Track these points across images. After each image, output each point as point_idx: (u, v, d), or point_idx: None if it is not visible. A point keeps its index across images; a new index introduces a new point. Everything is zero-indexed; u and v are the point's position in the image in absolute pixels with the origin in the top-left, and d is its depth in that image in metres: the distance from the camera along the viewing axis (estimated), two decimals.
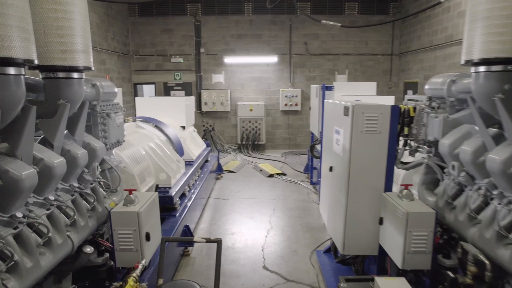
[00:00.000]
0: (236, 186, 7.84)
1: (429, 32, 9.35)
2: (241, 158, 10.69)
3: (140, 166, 4.33)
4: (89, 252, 2.52)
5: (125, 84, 11.35)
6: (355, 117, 3.05)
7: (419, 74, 10.05)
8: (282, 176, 8.59)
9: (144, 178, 4.39)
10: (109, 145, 3.07)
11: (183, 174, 5.48)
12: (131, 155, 4.29)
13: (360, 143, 3.09)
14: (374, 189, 3.15)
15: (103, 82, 2.99)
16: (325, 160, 4.12)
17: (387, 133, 3.06)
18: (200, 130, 12.10)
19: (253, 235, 5.30)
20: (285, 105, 11.71)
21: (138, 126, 5.58)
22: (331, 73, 11.78)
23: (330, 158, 3.79)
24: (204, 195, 6.70)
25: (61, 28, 2.05)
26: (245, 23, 11.52)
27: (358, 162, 3.12)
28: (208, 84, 11.91)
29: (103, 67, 9.73)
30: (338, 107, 3.41)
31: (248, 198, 7.00)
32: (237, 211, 6.29)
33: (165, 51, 11.75)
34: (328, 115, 4.01)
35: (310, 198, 7.01)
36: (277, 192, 7.39)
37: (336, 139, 3.47)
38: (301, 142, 12.16)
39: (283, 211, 6.31)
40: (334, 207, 3.61)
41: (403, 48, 11.19)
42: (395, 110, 3.03)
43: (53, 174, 2.03)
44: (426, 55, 9.61)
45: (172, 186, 4.82)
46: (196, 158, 6.60)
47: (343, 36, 11.55)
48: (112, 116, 3.05)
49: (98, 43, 9.36)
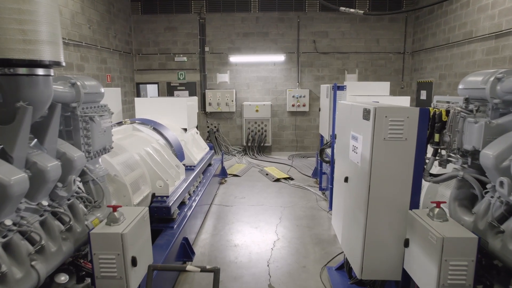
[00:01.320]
0: (241, 191, 7.43)
1: (446, 29, 8.84)
2: (246, 161, 10.28)
3: (134, 173, 3.94)
4: (62, 281, 2.13)
5: (127, 84, 11.01)
6: (377, 122, 2.61)
7: (434, 74, 9.53)
8: (289, 181, 8.16)
9: (139, 187, 3.99)
10: (93, 153, 2.67)
11: (183, 180, 5.08)
12: (124, 161, 3.90)
13: (383, 151, 2.65)
14: (398, 206, 2.71)
15: (85, 81, 2.60)
16: (338, 167, 3.69)
17: (414, 141, 2.62)
18: (204, 132, 11.72)
19: (258, 247, 4.88)
20: (293, 105, 11.27)
21: (135, 128, 5.20)
22: (340, 72, 11.31)
23: (345, 167, 3.35)
24: (206, 201, 6.31)
25: (21, 12, 1.65)
26: (251, 21, 11.11)
27: (380, 174, 2.68)
28: (213, 84, 11.52)
29: (104, 66, 9.39)
30: (356, 110, 2.98)
31: (253, 205, 6.58)
32: (241, 220, 5.88)
33: (169, 50, 11.39)
34: (342, 118, 3.58)
35: (319, 205, 6.57)
36: (284, 198, 6.96)
37: (353, 146, 3.04)
38: (308, 144, 11.70)
39: (291, 220, 5.87)
40: (350, 224, 3.17)
41: (416, 46, 10.67)
42: (424, 114, 2.59)
43: (8, 194, 1.64)
44: (441, 53, 9.10)
45: (170, 195, 4.43)
46: (198, 163, 6.20)
47: (353, 34, 11.07)
48: (96, 120, 2.66)
49: (99, 41, 9.02)
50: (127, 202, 3.62)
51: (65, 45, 7.48)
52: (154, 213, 4.21)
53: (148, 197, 4.15)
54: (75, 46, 7.87)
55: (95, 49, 8.81)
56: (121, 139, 4.33)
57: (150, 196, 4.21)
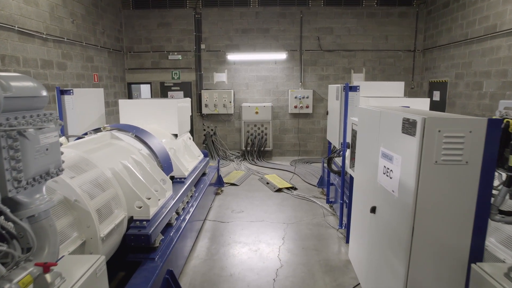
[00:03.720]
0: (238, 204, 6.66)
1: (463, 24, 8.07)
2: (245, 167, 9.51)
3: (104, 195, 3.17)
4: None
5: (117, 84, 10.24)
6: (426, 138, 1.85)
7: (449, 73, 8.77)
8: (292, 191, 7.39)
9: (110, 211, 3.22)
10: (26, 181, 1.90)
11: (170, 198, 4.31)
12: (92, 180, 3.13)
13: (434, 179, 1.89)
14: (454, 254, 1.95)
15: (12, 81, 1.82)
16: (359, 189, 2.93)
17: (479, 165, 1.86)
18: (200, 135, 10.95)
19: (258, 277, 4.12)
20: (295, 107, 10.50)
21: (114, 136, 4.43)
22: (346, 71, 10.54)
23: (370, 192, 2.59)
24: (199, 216, 5.54)
25: None
26: (250, 16, 10.33)
27: (429, 210, 1.93)
28: (209, 84, 10.75)
29: (91, 64, 8.62)
30: (389, 119, 2.21)
31: (252, 221, 5.81)
32: (239, 240, 5.11)
33: (162, 48, 10.61)
34: (366, 128, 2.81)
35: (327, 221, 5.81)
36: (287, 212, 6.19)
37: (385, 168, 2.27)
38: (312, 149, 10.93)
39: (295, 240, 5.11)
40: (380, 269, 2.41)
41: (429, 43, 9.90)
42: (495, 127, 1.82)
43: None
44: (458, 50, 8.33)
45: (152, 218, 3.66)
46: (189, 173, 5.44)
47: (360, 30, 10.30)
48: (30, 134, 1.89)
49: (85, 38, 8.25)
50: (92, 235, 2.85)
51: (43, 40, 6.71)
52: (131, 241, 3.45)
53: (123, 223, 3.38)
54: (55, 42, 7.09)
55: (79, 46, 8.04)
56: (90, 151, 3.56)
57: (125, 221, 3.44)
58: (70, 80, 7.70)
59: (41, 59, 6.66)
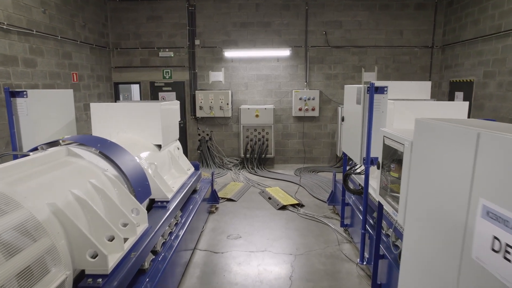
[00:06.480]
0: (235, 226, 5.61)
1: (495, 14, 7.03)
2: (244, 177, 8.46)
3: (31, 251, 2.12)
4: None
5: (102, 84, 9.18)
6: None
7: (476, 71, 7.72)
8: (299, 208, 6.34)
9: (46, 271, 2.17)
10: None
11: (143, 234, 3.26)
12: (11, 228, 2.08)
13: None
14: None
15: None
16: (415, 255, 1.89)
17: None
18: (194, 140, 9.90)
19: None
20: (300, 109, 9.45)
21: (72, 153, 3.38)
22: (356, 70, 9.49)
23: (444, 270, 1.55)
24: (186, 246, 4.50)
25: None
26: (250, 8, 9.28)
27: None
28: (205, 84, 9.70)
29: (68, 62, 7.57)
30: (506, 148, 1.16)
31: (252, 252, 4.77)
32: (235, 282, 4.06)
33: (152, 44, 9.56)
34: (434, 157, 1.76)
35: (343, 250, 4.77)
36: (294, 238, 5.15)
37: (497, 241, 1.22)
38: (318, 156, 9.88)
39: (306, 281, 4.06)
40: None
41: (450, 39, 8.85)
42: None
43: None
44: (487, 45, 7.28)
45: (112, 272, 2.61)
46: (174, 195, 4.40)
47: (372, 24, 9.25)
48: None
49: (60, 31, 7.20)
50: None
51: (4, 32, 5.66)
52: None
53: (63, 287, 2.33)
54: (20, 35, 6.04)
55: (53, 40, 6.99)
56: (20, 180, 2.50)
57: (69, 282, 2.39)
58: (41, 80, 6.65)
59: (0, 54, 5.61)
